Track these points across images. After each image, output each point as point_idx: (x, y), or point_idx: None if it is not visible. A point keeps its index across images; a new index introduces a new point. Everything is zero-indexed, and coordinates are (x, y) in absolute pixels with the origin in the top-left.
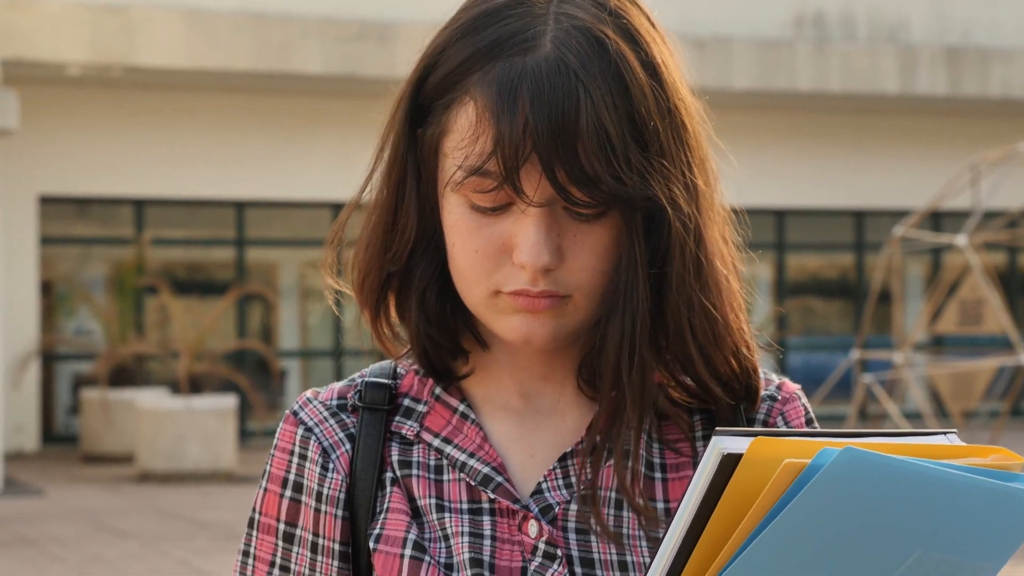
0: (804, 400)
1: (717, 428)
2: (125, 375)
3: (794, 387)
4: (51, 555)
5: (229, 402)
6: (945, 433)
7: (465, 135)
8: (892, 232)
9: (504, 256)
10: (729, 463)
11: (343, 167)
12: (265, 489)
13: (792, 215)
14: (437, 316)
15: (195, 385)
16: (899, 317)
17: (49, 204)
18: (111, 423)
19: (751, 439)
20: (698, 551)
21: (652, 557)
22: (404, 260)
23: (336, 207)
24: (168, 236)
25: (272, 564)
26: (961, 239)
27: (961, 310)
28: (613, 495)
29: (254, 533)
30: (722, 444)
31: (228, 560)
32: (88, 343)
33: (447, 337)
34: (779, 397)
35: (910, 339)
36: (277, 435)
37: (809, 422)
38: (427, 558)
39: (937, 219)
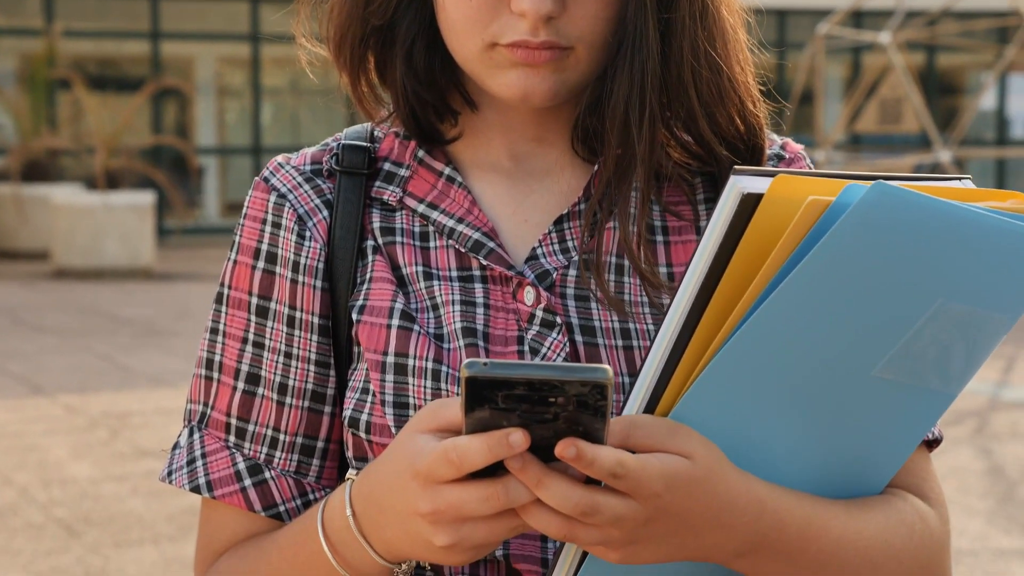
0: (808, 161)
1: (735, 167)
2: (38, 170)
3: (798, 147)
4: None
5: (147, 199)
6: (960, 178)
7: None
8: (816, 30)
9: (501, 4)
10: (748, 204)
11: None
12: (235, 261)
13: None
14: (425, 73)
15: (112, 181)
16: (820, 117)
17: None
18: (25, 219)
19: (771, 178)
20: (715, 302)
21: (656, 323)
22: (389, 13)
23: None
24: (80, 28)
25: (244, 341)
26: (884, 36)
27: (881, 109)
28: (614, 260)
29: (223, 309)
30: (741, 184)
31: (151, 357)
32: None
33: (435, 95)
34: (784, 156)
35: (830, 138)
36: (246, 204)
37: None
38: (416, 328)
39: (859, 18)
